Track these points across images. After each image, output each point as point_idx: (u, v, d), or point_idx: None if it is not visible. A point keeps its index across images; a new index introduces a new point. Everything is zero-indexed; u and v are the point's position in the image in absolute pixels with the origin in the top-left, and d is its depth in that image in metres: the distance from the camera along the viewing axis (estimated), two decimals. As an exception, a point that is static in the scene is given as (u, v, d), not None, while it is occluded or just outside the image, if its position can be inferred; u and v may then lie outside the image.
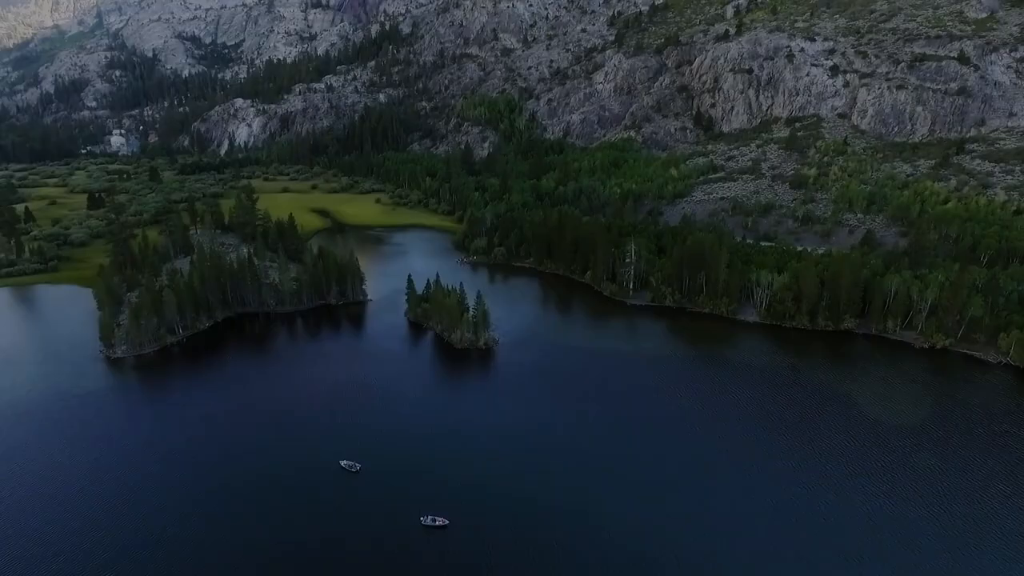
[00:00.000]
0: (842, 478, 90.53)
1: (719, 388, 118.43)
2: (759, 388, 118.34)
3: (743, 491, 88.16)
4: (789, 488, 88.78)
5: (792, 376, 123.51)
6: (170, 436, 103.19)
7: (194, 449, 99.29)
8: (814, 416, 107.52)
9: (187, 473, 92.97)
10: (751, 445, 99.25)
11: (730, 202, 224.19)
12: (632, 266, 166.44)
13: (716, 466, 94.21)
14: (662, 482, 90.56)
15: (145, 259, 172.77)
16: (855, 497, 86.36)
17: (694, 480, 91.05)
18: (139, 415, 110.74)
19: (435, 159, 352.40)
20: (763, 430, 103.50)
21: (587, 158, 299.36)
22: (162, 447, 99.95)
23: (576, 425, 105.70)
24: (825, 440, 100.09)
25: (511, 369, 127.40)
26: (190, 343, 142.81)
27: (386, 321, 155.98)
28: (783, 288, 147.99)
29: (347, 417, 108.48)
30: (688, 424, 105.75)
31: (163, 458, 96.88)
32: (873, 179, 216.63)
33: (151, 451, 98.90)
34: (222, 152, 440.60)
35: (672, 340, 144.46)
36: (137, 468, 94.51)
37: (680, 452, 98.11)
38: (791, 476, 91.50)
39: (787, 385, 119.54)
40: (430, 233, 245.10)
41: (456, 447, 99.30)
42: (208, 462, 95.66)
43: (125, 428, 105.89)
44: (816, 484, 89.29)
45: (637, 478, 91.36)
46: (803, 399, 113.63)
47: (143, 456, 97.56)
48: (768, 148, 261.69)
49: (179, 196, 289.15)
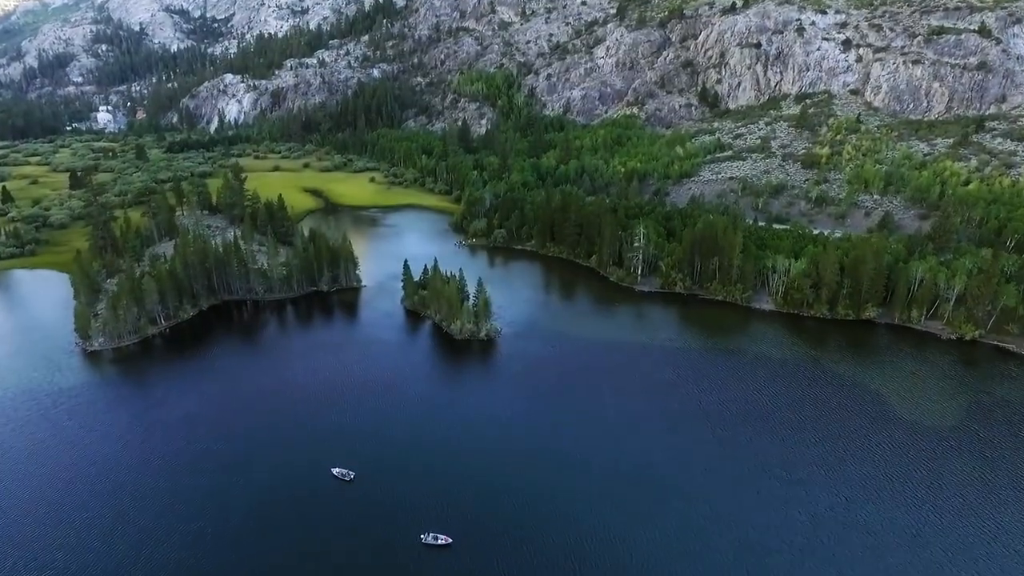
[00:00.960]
0: (881, 486, 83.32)
1: (739, 384, 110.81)
2: (781, 384, 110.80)
3: (777, 501, 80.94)
4: (826, 497, 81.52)
5: (815, 370, 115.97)
6: (148, 440, 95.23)
7: (173, 454, 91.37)
8: (843, 415, 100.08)
9: (164, 483, 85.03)
10: (780, 447, 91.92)
11: (739, 182, 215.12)
12: (641, 251, 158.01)
13: (744, 471, 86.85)
14: (686, 490, 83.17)
15: (127, 243, 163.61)
16: (897, 509, 79.22)
17: (721, 488, 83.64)
18: (115, 416, 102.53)
19: (431, 136, 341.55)
20: (790, 430, 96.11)
21: (588, 135, 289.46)
22: (138, 452, 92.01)
23: (589, 426, 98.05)
24: (858, 442, 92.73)
25: (515, 363, 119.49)
26: (173, 334, 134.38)
27: (381, 309, 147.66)
28: (801, 275, 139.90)
29: (340, 417, 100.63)
30: (710, 424, 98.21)
31: (138, 465, 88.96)
32: (888, 159, 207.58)
33: (126, 457, 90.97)
34: (212, 129, 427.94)
35: (685, 330, 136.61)
36: (109, 476, 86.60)
37: (703, 455, 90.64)
38: (826, 483, 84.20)
39: (811, 380, 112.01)
40: (426, 214, 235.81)
41: (458, 452, 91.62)
42: (188, 469, 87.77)
43: (99, 430, 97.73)
44: (854, 493, 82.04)
45: (659, 486, 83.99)
46: (830, 396, 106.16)
47: (117, 463, 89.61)
48: (777, 126, 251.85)
49: (166, 175, 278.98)
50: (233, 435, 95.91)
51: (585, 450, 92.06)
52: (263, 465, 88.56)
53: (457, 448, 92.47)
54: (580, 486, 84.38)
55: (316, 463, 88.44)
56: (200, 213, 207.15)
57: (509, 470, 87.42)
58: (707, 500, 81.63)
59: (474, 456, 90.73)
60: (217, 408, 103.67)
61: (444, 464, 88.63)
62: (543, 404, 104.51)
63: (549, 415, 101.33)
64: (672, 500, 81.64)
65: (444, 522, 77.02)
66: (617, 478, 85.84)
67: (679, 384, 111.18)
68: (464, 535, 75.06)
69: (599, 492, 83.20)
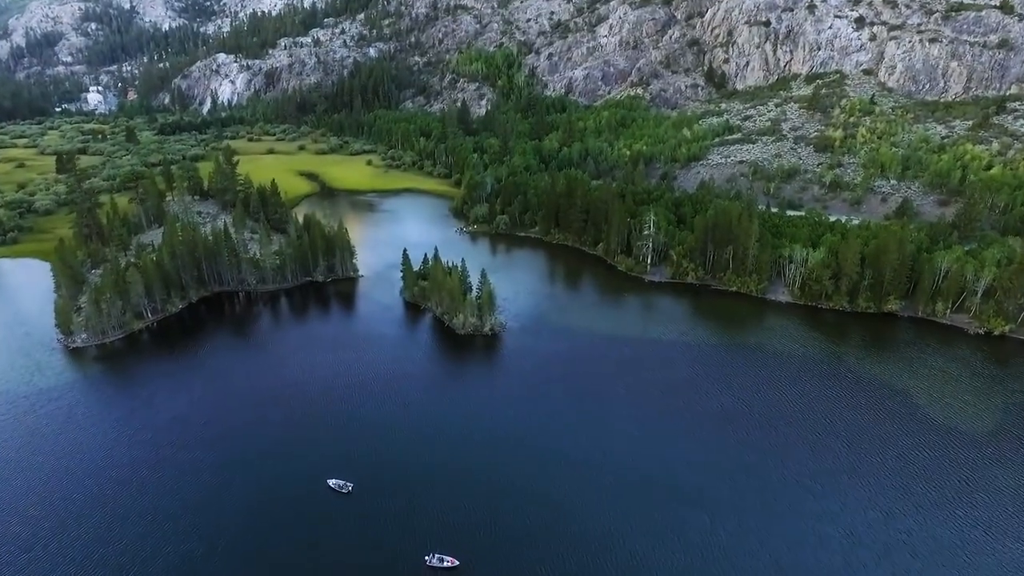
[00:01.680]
0: (921, 499, 77.45)
1: (760, 383, 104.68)
2: (805, 383, 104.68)
3: (809, 514, 75.09)
4: (862, 511, 75.61)
5: (838, 368, 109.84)
6: (133, 448, 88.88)
7: (160, 464, 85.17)
8: (873, 418, 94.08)
9: (149, 499, 78.84)
10: (809, 453, 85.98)
11: (750, 166, 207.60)
12: (651, 239, 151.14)
13: (771, 480, 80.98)
14: (710, 501, 77.26)
15: (113, 231, 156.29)
16: (941, 525, 73.37)
17: (747, 500, 77.75)
18: (98, 421, 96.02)
19: (429, 118, 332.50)
20: (818, 434, 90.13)
21: (592, 117, 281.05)
22: (122, 463, 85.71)
23: (603, 429, 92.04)
24: (891, 449, 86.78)
25: (522, 360, 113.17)
26: (160, 328, 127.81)
27: (379, 301, 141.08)
28: (820, 265, 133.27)
29: (337, 421, 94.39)
30: (731, 427, 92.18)
31: (123, 478, 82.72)
32: (905, 142, 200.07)
33: (109, 469, 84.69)
34: (205, 111, 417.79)
35: (698, 323, 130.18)
36: (91, 491, 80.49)
37: (727, 462, 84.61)
38: (861, 495, 78.28)
39: (835, 379, 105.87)
40: (425, 198, 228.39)
41: (464, 460, 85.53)
42: (175, 483, 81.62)
43: (81, 438, 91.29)
44: (893, 506, 76.17)
45: (680, 496, 78.09)
46: (856, 397, 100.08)
47: (99, 476, 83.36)
48: (788, 107, 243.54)
49: (157, 158, 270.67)
50: (224, 442, 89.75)
51: (600, 456, 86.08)
52: (255, 476, 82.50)
53: (462, 456, 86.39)
54: (596, 497, 78.49)
55: (312, 473, 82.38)
56: (191, 199, 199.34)
57: (519, 481, 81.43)
58: (734, 513, 75.80)
59: (481, 465, 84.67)
60: (207, 411, 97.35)
61: (449, 474, 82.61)
62: (553, 406, 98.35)
63: (560, 418, 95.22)
64: (695, 513, 75.80)
65: (450, 541, 71.15)
66: (636, 488, 79.93)
67: (696, 383, 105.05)
68: (472, 556, 69.21)
69: (617, 505, 77.32)
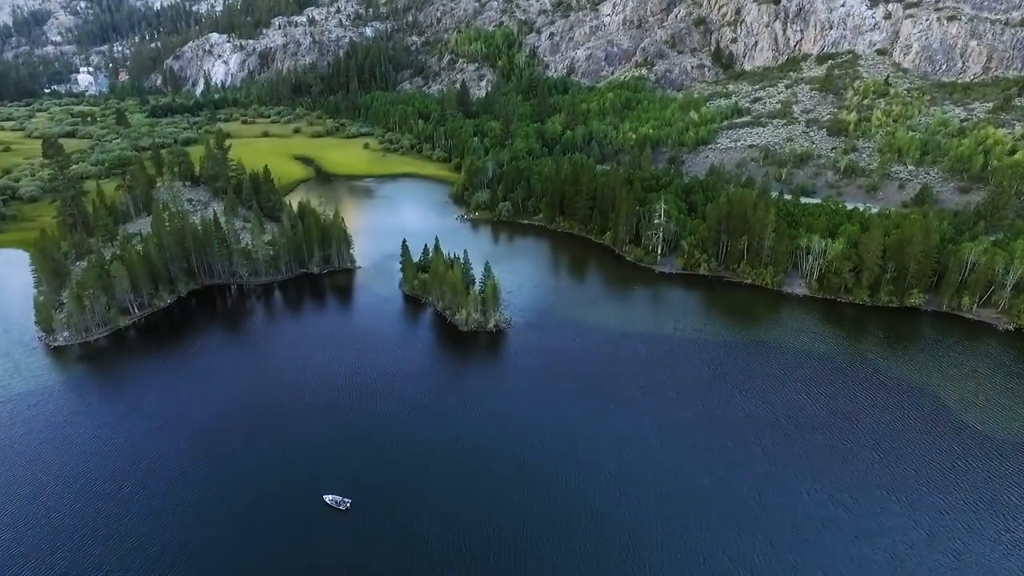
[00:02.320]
0: (966, 517, 71.70)
1: (782, 384, 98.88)
2: (828, 384, 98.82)
3: (845, 534, 69.37)
4: (902, 530, 69.80)
5: (862, 367, 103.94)
6: (117, 460, 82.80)
7: (145, 476, 79.29)
8: (904, 424, 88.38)
9: (131, 521, 72.92)
10: (840, 464, 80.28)
11: (760, 151, 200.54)
12: (661, 228, 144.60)
13: (801, 494, 75.20)
14: (738, 516, 71.54)
15: (98, 220, 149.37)
16: (992, 550, 67.55)
17: (778, 516, 71.98)
18: (80, 429, 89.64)
19: (428, 99, 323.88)
20: (847, 442, 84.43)
21: (595, 99, 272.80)
22: (104, 478, 79.80)
23: (619, 436, 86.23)
24: (926, 459, 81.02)
25: (529, 360, 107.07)
26: (148, 325, 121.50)
27: (378, 294, 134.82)
28: (840, 257, 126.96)
29: (333, 428, 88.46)
30: (756, 433, 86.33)
31: (105, 494, 76.85)
32: (922, 125, 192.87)
33: (92, 480, 78.80)
34: (198, 92, 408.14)
35: (713, 318, 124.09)
36: (68, 504, 74.72)
37: (753, 474, 78.71)
38: (900, 512, 72.45)
39: (860, 380, 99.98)
40: (424, 184, 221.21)
41: (472, 473, 79.69)
42: (160, 498, 75.77)
43: (60, 449, 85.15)
44: (935, 525, 70.41)
45: (706, 511, 72.32)
46: (883, 399, 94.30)
47: (80, 488, 77.52)
48: (799, 89, 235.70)
49: (148, 142, 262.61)
50: (214, 453, 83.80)
51: (618, 467, 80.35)
52: (246, 489, 76.74)
53: (470, 467, 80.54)
54: (615, 513, 72.85)
55: (307, 487, 76.64)
56: (182, 185, 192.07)
57: (532, 495, 75.75)
58: (763, 530, 70.21)
59: (491, 477, 78.85)
60: (196, 418, 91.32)
61: (456, 488, 76.83)
62: (564, 412, 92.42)
63: (572, 425, 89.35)
64: (723, 530, 70.19)
65: (459, 566, 65.57)
66: (656, 501, 74.35)
67: (715, 384, 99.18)
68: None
69: (635, 519, 71.74)
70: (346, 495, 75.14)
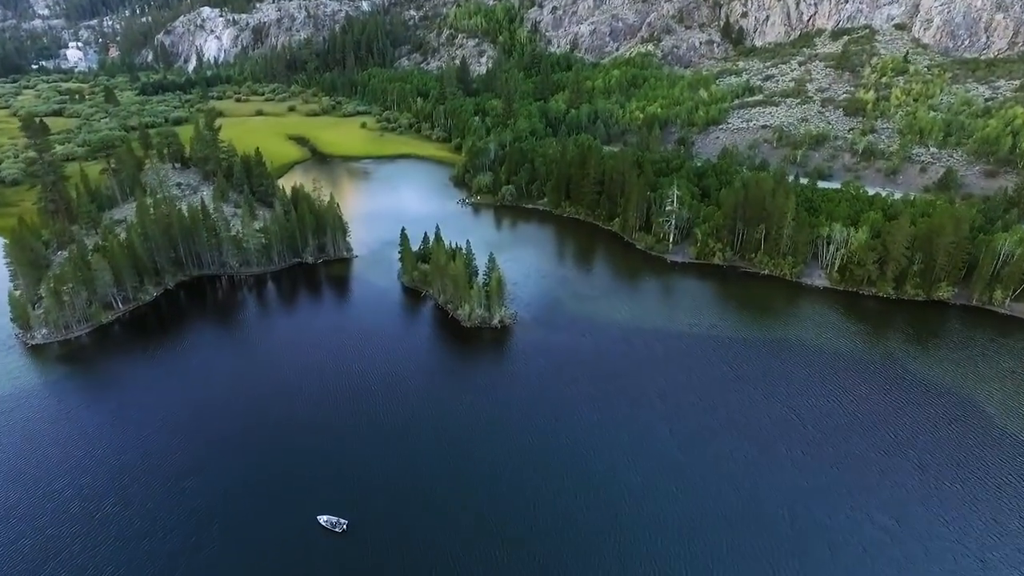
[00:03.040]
0: (1021, 544, 65.89)
1: (807, 386, 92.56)
2: (856, 387, 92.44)
3: (890, 562, 63.35)
4: (952, 559, 63.54)
5: (891, 368, 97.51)
6: (97, 474, 76.82)
7: (126, 496, 73.22)
8: (940, 432, 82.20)
9: (110, 543, 66.98)
10: (878, 480, 74.18)
11: (774, 131, 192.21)
12: (674, 215, 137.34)
13: (839, 515, 69.07)
14: (770, 543, 65.50)
15: (81, 207, 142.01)
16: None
17: (814, 540, 65.92)
18: (58, 437, 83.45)
19: (427, 76, 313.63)
20: (884, 454, 78.26)
21: (600, 76, 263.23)
22: (85, 491, 73.81)
23: (640, 449, 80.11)
24: (970, 474, 74.81)
25: (537, 359, 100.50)
26: (133, 320, 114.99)
27: (376, 285, 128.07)
28: (864, 247, 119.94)
29: (328, 439, 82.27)
30: (785, 444, 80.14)
31: (85, 510, 70.94)
32: (944, 104, 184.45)
33: (69, 498, 72.82)
34: (190, 69, 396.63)
35: (730, 313, 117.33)
36: (42, 527, 68.78)
37: (785, 492, 72.63)
38: (948, 536, 66.25)
39: (889, 382, 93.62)
40: (424, 165, 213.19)
41: (480, 491, 73.63)
42: (142, 520, 69.80)
43: (36, 461, 79.19)
44: (989, 554, 63.96)
45: (736, 536, 66.34)
46: (917, 404, 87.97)
47: (56, 508, 71.55)
48: (813, 66, 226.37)
49: (138, 121, 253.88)
50: (201, 463, 77.84)
51: (638, 482, 74.35)
52: (233, 511, 70.67)
53: (478, 483, 74.48)
54: (636, 535, 66.89)
55: (300, 504, 70.71)
56: (171, 168, 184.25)
57: (545, 515, 69.78)
58: (798, 555, 64.26)
59: (500, 496, 72.78)
60: (183, 427, 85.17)
61: (463, 507, 70.83)
62: (578, 420, 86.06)
63: (587, 433, 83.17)
64: (755, 556, 64.19)
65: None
66: (682, 523, 68.35)
67: (737, 386, 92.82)
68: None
69: (659, 542, 65.83)
70: (342, 515, 69.17)
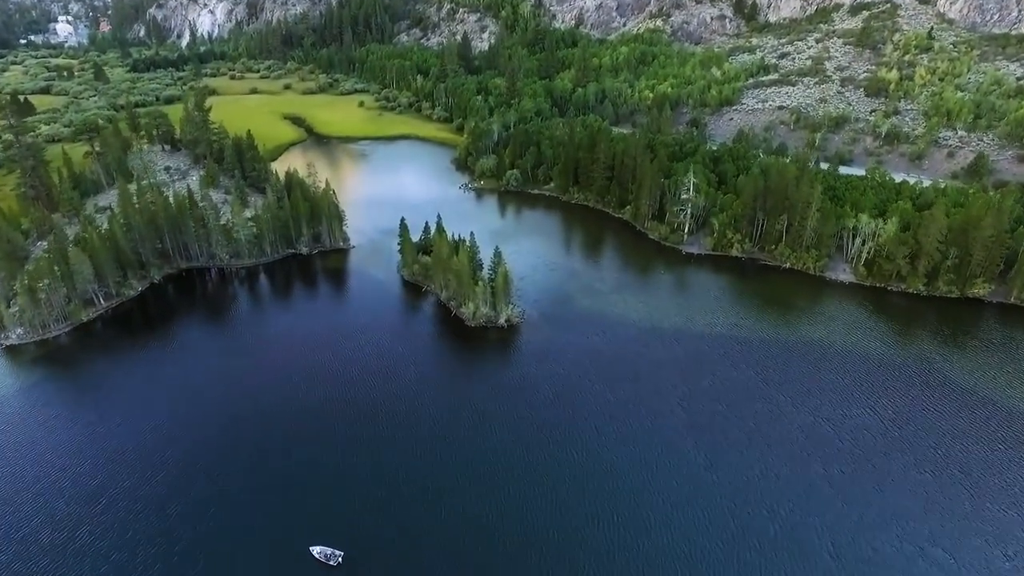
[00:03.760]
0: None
1: (838, 393, 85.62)
2: (892, 395, 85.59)
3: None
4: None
5: (928, 373, 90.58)
6: (71, 500, 70.33)
7: (96, 517, 66.89)
8: (987, 449, 75.39)
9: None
10: (924, 504, 67.70)
11: (791, 113, 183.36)
12: (690, 204, 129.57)
13: (884, 547, 62.60)
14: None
15: (63, 194, 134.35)
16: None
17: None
18: (32, 454, 76.89)
19: (427, 53, 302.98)
20: (926, 472, 71.65)
21: (608, 53, 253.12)
22: (52, 513, 67.45)
23: (664, 466, 73.57)
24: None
25: (547, 364, 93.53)
26: (116, 317, 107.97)
27: (374, 279, 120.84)
28: (894, 241, 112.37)
29: (322, 458, 75.67)
30: (820, 460, 73.52)
31: (55, 541, 64.55)
32: (972, 84, 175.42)
33: (35, 524, 66.43)
34: (183, 44, 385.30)
35: (751, 310, 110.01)
36: (2, 558, 62.44)
37: (822, 516, 66.17)
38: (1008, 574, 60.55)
39: (928, 390, 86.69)
40: (424, 147, 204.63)
41: (486, 518, 67.13)
42: (116, 550, 63.36)
43: (7, 480, 72.86)
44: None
45: (775, 570, 60.34)
46: (962, 415, 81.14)
47: (18, 535, 65.16)
48: (831, 43, 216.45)
49: (129, 100, 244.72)
50: (187, 483, 71.45)
51: (664, 507, 67.89)
52: (223, 544, 64.17)
53: (484, 511, 67.93)
54: (664, 571, 60.60)
55: (292, 533, 64.30)
56: (161, 150, 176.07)
57: (561, 544, 63.34)
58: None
59: (510, 523, 66.24)
60: (167, 440, 78.66)
61: (468, 536, 64.37)
62: (595, 432, 79.36)
63: (605, 449, 76.48)
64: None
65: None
66: (716, 559, 61.99)
67: (764, 394, 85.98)
68: None
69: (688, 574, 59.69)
70: (337, 547, 62.78)
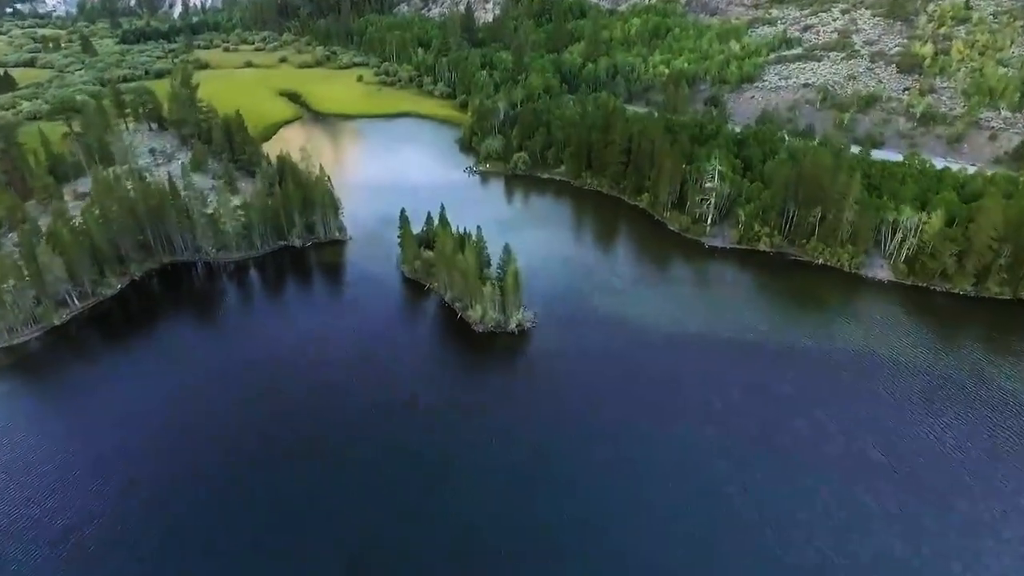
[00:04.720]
0: None
1: (884, 410, 76.76)
2: (947, 415, 76.80)
3: None
4: None
5: (986, 390, 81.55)
6: (37, 521, 62.38)
7: (63, 561, 58.97)
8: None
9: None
10: (994, 545, 59.40)
11: (817, 91, 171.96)
12: (714, 193, 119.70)
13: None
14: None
15: (36, 181, 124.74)
16: None
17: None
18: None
19: (428, 25, 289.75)
20: (1001, 511, 63.33)
21: (619, 25, 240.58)
22: (19, 547, 59.45)
23: (698, 493, 65.23)
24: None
25: (563, 377, 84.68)
26: (93, 318, 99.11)
27: (372, 275, 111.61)
28: (940, 237, 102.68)
29: (315, 485, 67.43)
30: (876, 495, 64.77)
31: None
32: (1016, 59, 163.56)
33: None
34: (176, 15, 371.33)
35: (784, 313, 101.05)
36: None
37: (882, 560, 58.19)
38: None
39: (988, 410, 77.56)
40: (426, 125, 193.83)
41: (498, 555, 59.14)
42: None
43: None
44: None
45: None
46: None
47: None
48: (859, 14, 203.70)
49: (117, 73, 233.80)
50: (172, 515, 63.25)
51: (698, 548, 59.69)
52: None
53: (496, 547, 59.90)
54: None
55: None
56: (148, 130, 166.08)
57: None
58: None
59: (523, 561, 58.33)
60: (150, 460, 70.44)
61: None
62: (620, 459, 70.81)
63: (631, 479, 68.02)
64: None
65: None
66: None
67: (804, 409, 77.07)
68: None
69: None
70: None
